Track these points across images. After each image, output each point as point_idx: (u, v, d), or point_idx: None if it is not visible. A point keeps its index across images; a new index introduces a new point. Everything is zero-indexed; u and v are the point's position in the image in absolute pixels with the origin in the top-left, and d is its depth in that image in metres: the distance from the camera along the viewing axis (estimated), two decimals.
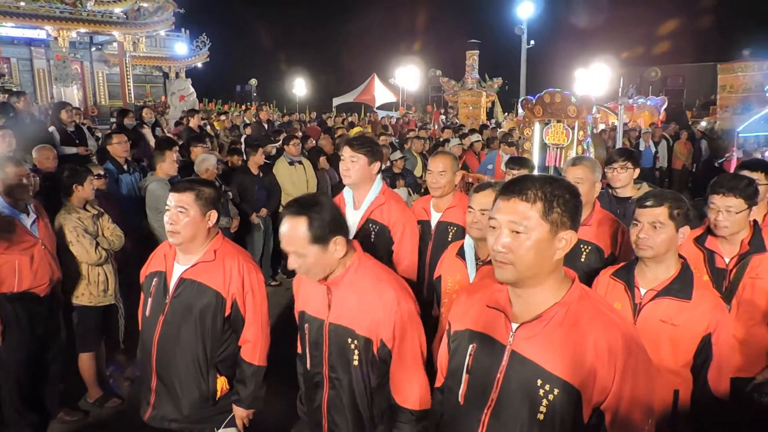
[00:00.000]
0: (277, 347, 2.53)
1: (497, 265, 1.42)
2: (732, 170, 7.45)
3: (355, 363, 1.93)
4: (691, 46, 24.34)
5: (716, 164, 9.47)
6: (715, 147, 12.05)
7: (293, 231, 1.85)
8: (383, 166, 7.79)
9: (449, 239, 3.10)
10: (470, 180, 7.85)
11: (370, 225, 2.89)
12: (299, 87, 28.36)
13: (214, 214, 2.34)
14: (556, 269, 1.43)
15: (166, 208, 2.29)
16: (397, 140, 11.21)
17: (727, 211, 2.57)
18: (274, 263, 6.94)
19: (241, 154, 6.58)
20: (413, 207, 3.45)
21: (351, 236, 2.06)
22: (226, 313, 2.34)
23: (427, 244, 3.15)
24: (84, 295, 3.68)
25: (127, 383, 4.11)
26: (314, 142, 8.54)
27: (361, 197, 2.94)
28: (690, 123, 14.95)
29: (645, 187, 3.46)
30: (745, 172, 2.96)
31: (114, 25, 19.46)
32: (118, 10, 19.64)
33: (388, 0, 33.81)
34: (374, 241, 2.87)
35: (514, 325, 1.46)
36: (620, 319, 1.46)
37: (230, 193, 5.90)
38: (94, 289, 3.70)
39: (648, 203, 2.16)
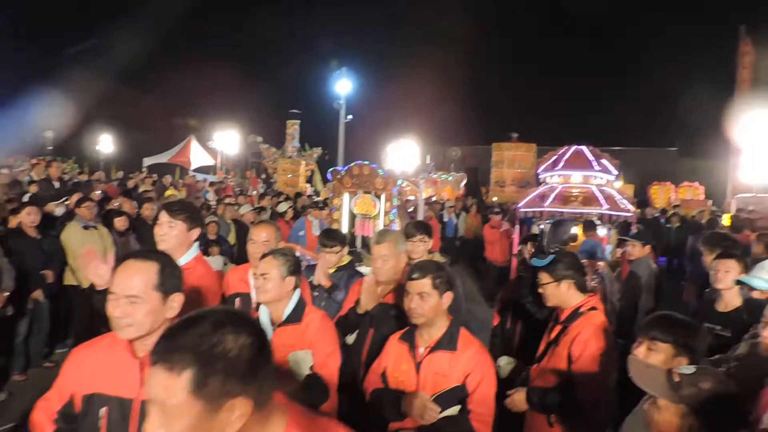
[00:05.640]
0: None
1: None
2: (516, 241, 8.50)
3: None
4: (483, 130, 28.21)
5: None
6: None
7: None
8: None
9: None
10: None
11: None
12: (105, 143, 26.03)
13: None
14: None
15: None
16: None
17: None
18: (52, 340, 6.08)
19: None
20: (227, 278, 3.29)
21: None
22: None
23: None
24: None
25: None
26: (116, 204, 7.81)
27: None
28: (483, 198, 16.99)
29: (437, 257, 3.79)
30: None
31: None
32: None
33: (208, 62, 33.37)
34: None
35: None
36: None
37: (5, 261, 5.04)
38: None
39: (414, 276, 2.41)
